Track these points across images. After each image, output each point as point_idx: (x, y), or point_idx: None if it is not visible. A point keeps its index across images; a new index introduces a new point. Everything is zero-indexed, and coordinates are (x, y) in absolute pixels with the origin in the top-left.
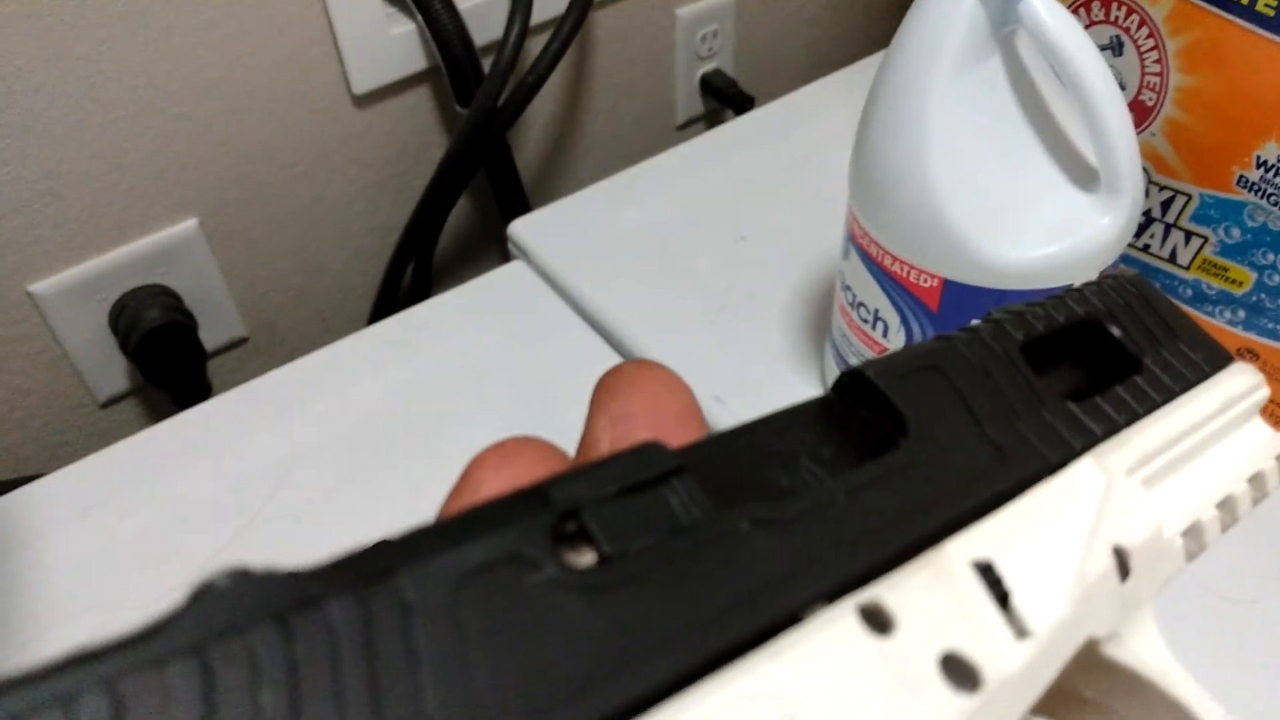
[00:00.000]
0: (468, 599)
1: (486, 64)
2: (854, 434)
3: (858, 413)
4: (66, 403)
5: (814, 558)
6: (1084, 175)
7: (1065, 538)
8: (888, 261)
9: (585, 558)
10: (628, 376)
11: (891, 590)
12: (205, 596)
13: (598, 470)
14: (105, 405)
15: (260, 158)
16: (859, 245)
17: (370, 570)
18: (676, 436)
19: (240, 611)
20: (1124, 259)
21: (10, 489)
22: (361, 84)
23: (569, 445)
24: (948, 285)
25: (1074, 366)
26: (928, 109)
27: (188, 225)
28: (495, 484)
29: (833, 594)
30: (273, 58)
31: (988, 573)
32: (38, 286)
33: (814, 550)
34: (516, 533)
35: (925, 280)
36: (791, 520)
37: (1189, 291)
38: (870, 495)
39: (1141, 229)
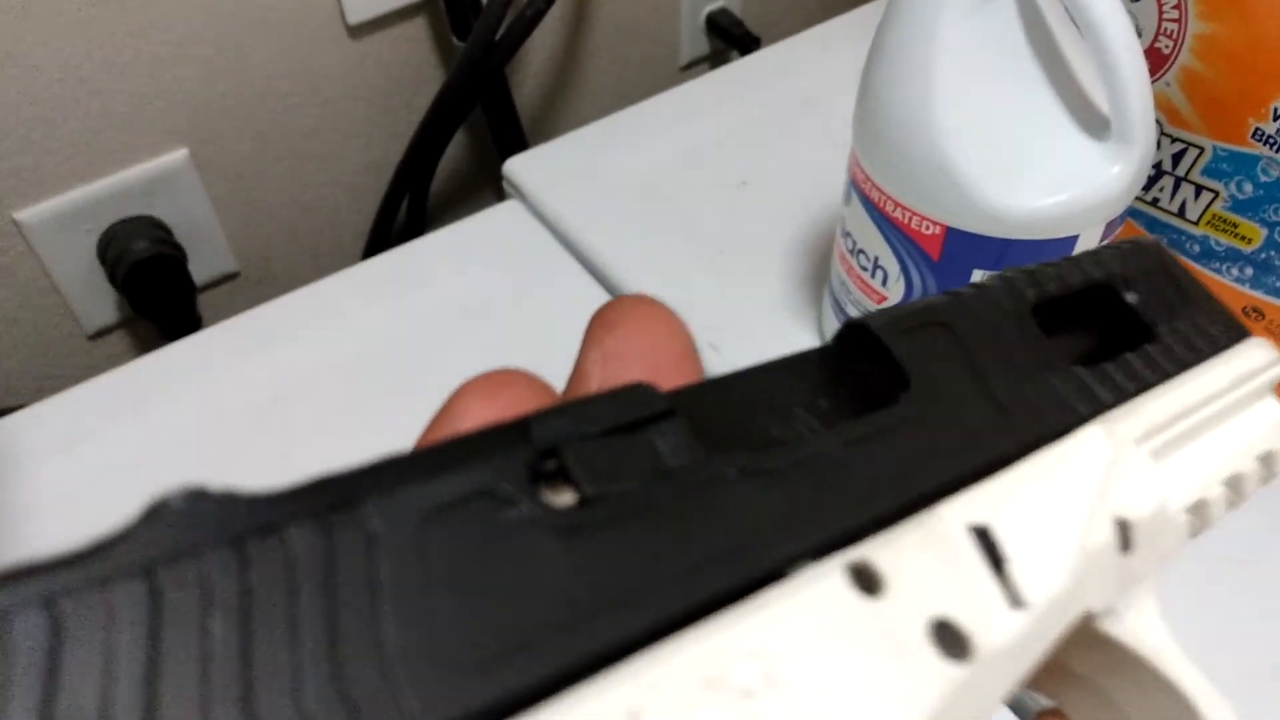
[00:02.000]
0: (436, 534)
1: None
2: (852, 387)
3: (858, 365)
4: (55, 333)
5: (803, 512)
6: (1095, 123)
7: (1067, 506)
8: (890, 207)
9: (564, 498)
10: (625, 311)
11: (882, 549)
12: (158, 515)
13: (582, 408)
14: (94, 336)
15: (253, 88)
16: (861, 190)
17: (335, 498)
18: (671, 379)
19: (194, 533)
20: (1131, 213)
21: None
22: (356, 14)
23: (558, 387)
24: (950, 233)
25: (1085, 331)
26: (936, 51)
27: (178, 155)
28: (478, 415)
29: (821, 551)
30: None
31: (984, 538)
32: (24, 214)
33: (803, 504)
34: (492, 467)
35: (927, 227)
36: (781, 472)
37: (1197, 247)
38: (865, 450)
39: (1151, 182)
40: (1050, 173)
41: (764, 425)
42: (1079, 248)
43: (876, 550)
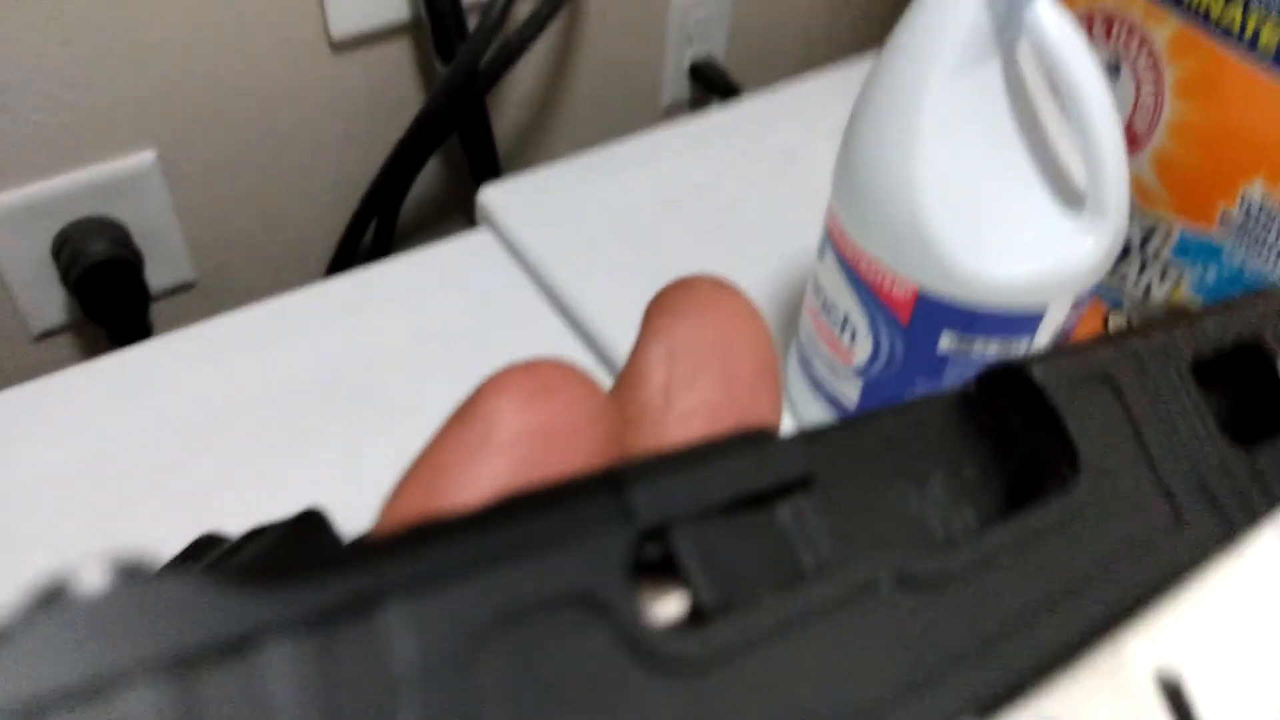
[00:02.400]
0: (490, 663)
1: (473, 23)
2: (1000, 448)
3: (1006, 419)
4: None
5: (971, 642)
6: (1070, 195)
7: (1265, 643)
8: (863, 266)
9: (669, 605)
10: (699, 297)
11: (1070, 707)
12: (61, 607)
13: (696, 467)
14: (40, 338)
15: (227, 94)
16: (836, 245)
17: (341, 594)
18: (749, 396)
19: (110, 644)
20: (1098, 289)
21: None
22: (340, 28)
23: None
24: (921, 297)
25: (1228, 396)
26: (921, 109)
27: (144, 157)
28: (516, 425)
29: (992, 699)
30: None
31: (1175, 695)
32: None
33: (970, 630)
34: (577, 557)
35: (899, 290)
36: (939, 581)
37: None
38: (1035, 556)
39: (1119, 259)
40: (1023, 242)
41: (899, 496)
42: (1047, 321)
43: (1064, 706)
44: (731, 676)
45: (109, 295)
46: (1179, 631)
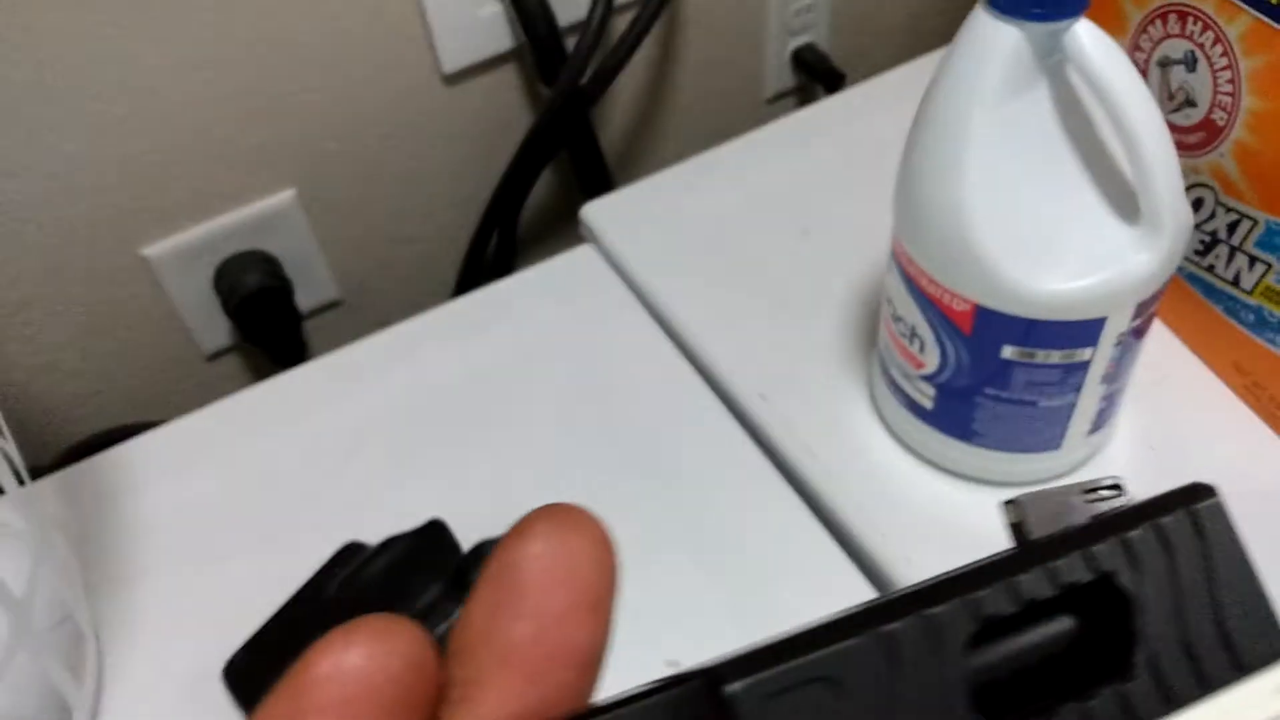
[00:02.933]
0: None
1: (572, 44)
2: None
3: None
4: (177, 355)
5: None
6: (1127, 207)
7: None
8: (924, 281)
9: None
10: (529, 544)
11: None
12: None
13: None
14: (210, 358)
15: (354, 133)
16: (898, 260)
17: None
18: (562, 634)
19: None
20: (1189, 277)
21: (125, 436)
22: (451, 63)
23: (622, 453)
24: (979, 310)
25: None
26: (966, 138)
27: (285, 195)
28: (332, 690)
29: None
30: (368, 39)
31: None
32: (149, 250)
33: None
34: None
35: (958, 304)
36: None
37: (1251, 317)
38: None
39: (1208, 248)
40: (1077, 256)
41: None
42: (1108, 329)
43: None
44: None
45: (265, 319)
46: None
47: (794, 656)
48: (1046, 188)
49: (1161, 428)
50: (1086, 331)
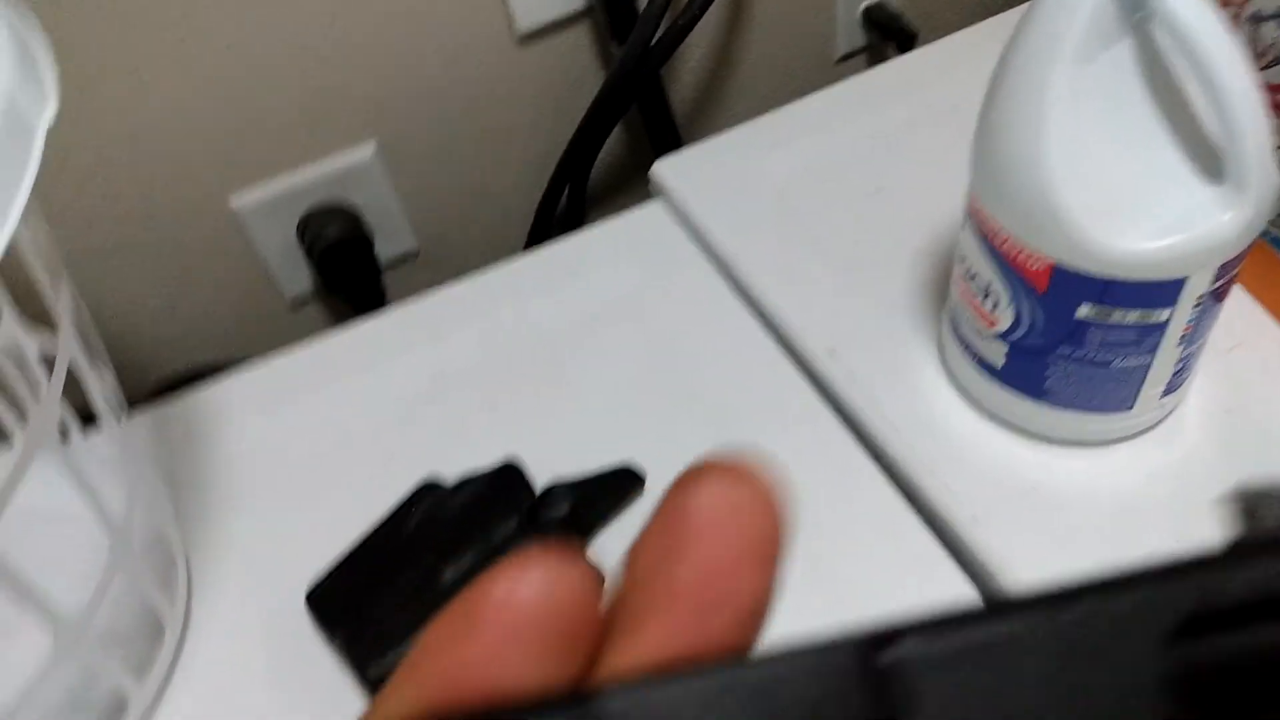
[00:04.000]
0: None
1: (643, 3)
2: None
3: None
4: (261, 301)
5: None
6: (1212, 166)
7: None
8: (999, 239)
9: None
10: (702, 490)
11: None
12: None
13: (672, 689)
14: (293, 306)
15: (432, 90)
16: (974, 217)
17: None
18: (726, 585)
19: None
20: (1275, 241)
21: (211, 373)
22: (524, 23)
23: (682, 404)
24: (1056, 269)
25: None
26: (1047, 95)
27: (367, 149)
28: (506, 615)
29: None
30: (445, 1)
31: None
32: (237, 200)
33: None
34: None
35: (1034, 262)
36: None
37: None
38: None
39: None
40: (1160, 216)
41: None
42: (1188, 290)
43: None
44: None
45: (346, 269)
46: None
47: (965, 627)
48: (1129, 145)
49: (1235, 394)
50: (1165, 292)
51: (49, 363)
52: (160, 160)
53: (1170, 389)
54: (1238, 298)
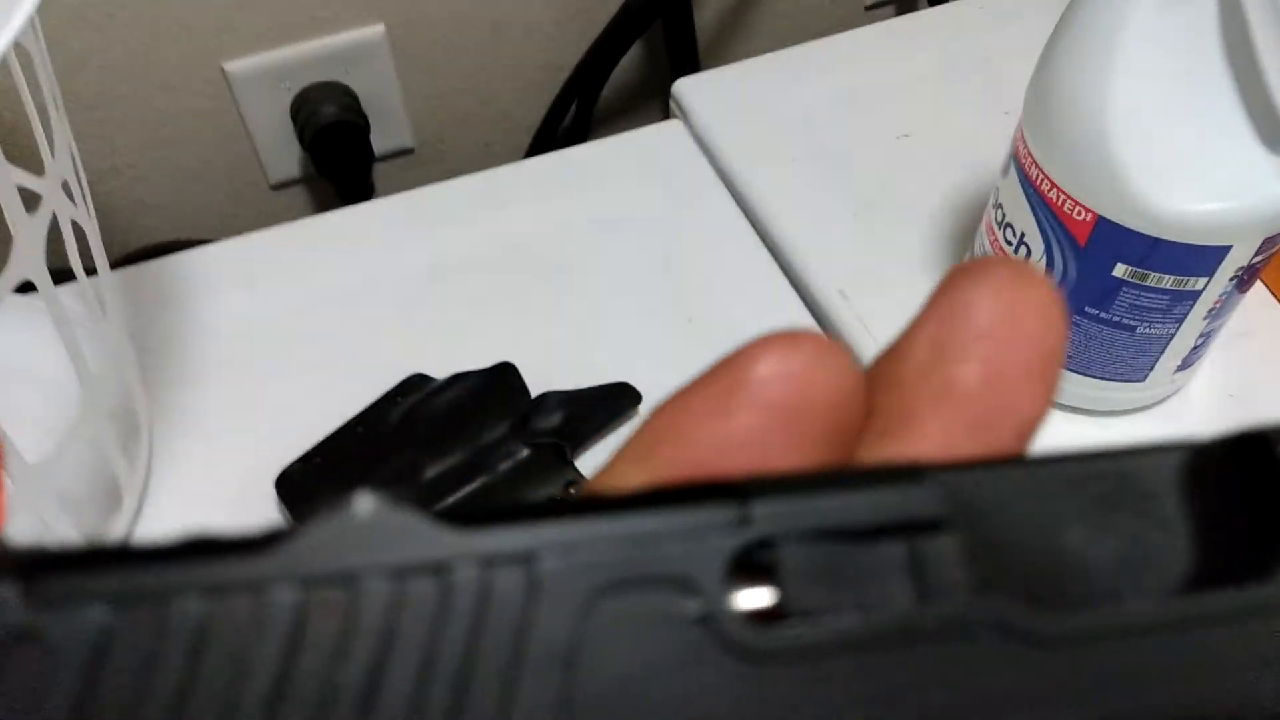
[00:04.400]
0: (604, 609)
1: None
2: (1220, 519)
3: (1237, 494)
4: (243, 179)
5: (1063, 701)
6: (1275, 134)
7: None
8: (1045, 187)
9: (762, 596)
10: (988, 282)
11: None
12: (338, 520)
13: (827, 492)
14: (276, 188)
15: None
16: (1020, 164)
17: (509, 545)
18: (1006, 395)
19: (362, 553)
20: None
21: (185, 248)
22: None
23: (700, 340)
24: (1100, 222)
25: None
26: (1122, 37)
27: (375, 30)
28: (769, 391)
29: None
30: None
31: None
32: (232, 66)
33: (1067, 691)
34: (690, 548)
35: (1079, 213)
36: (1069, 641)
37: None
38: (1190, 640)
39: None
40: (1215, 179)
41: (1072, 544)
42: (1229, 260)
43: None
44: (793, 673)
45: (338, 154)
46: None
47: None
48: (1194, 103)
49: (1243, 378)
50: (1206, 259)
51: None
52: (156, 8)
53: (1186, 364)
54: (1255, 286)
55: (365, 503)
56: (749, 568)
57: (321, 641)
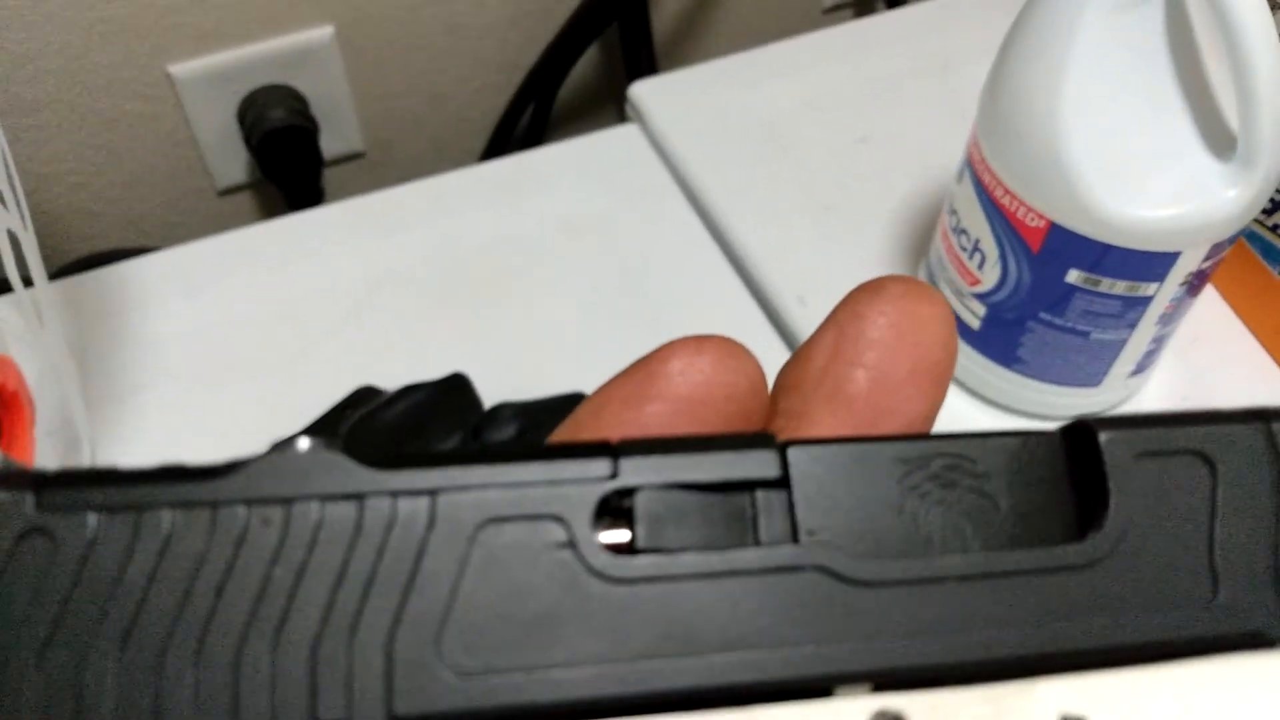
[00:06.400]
0: (487, 539)
1: None
2: (1050, 496)
3: (1074, 470)
4: (189, 185)
5: (879, 633)
6: (1222, 141)
7: None
8: (999, 193)
9: (620, 533)
10: (881, 298)
11: (931, 710)
12: (281, 455)
13: (683, 453)
14: (223, 193)
15: None
16: (974, 170)
17: (416, 483)
18: (893, 397)
19: (296, 480)
20: (1249, 235)
21: (128, 256)
22: None
23: (633, 335)
24: (1053, 229)
25: None
26: (1073, 44)
27: (324, 32)
28: (680, 385)
29: (883, 683)
30: None
31: None
32: (177, 68)
33: (884, 625)
34: (565, 492)
35: (1032, 219)
36: (882, 583)
37: None
38: (1001, 585)
39: (1276, 207)
40: (1164, 185)
41: (907, 507)
42: (1179, 266)
43: (923, 708)
44: (643, 595)
45: (286, 158)
46: (1123, 696)
47: (1172, 425)
48: (1144, 110)
49: (1195, 383)
50: (1156, 265)
51: None
52: (96, 9)
53: (1139, 369)
54: (1205, 291)
55: (303, 443)
56: (617, 513)
57: (261, 548)
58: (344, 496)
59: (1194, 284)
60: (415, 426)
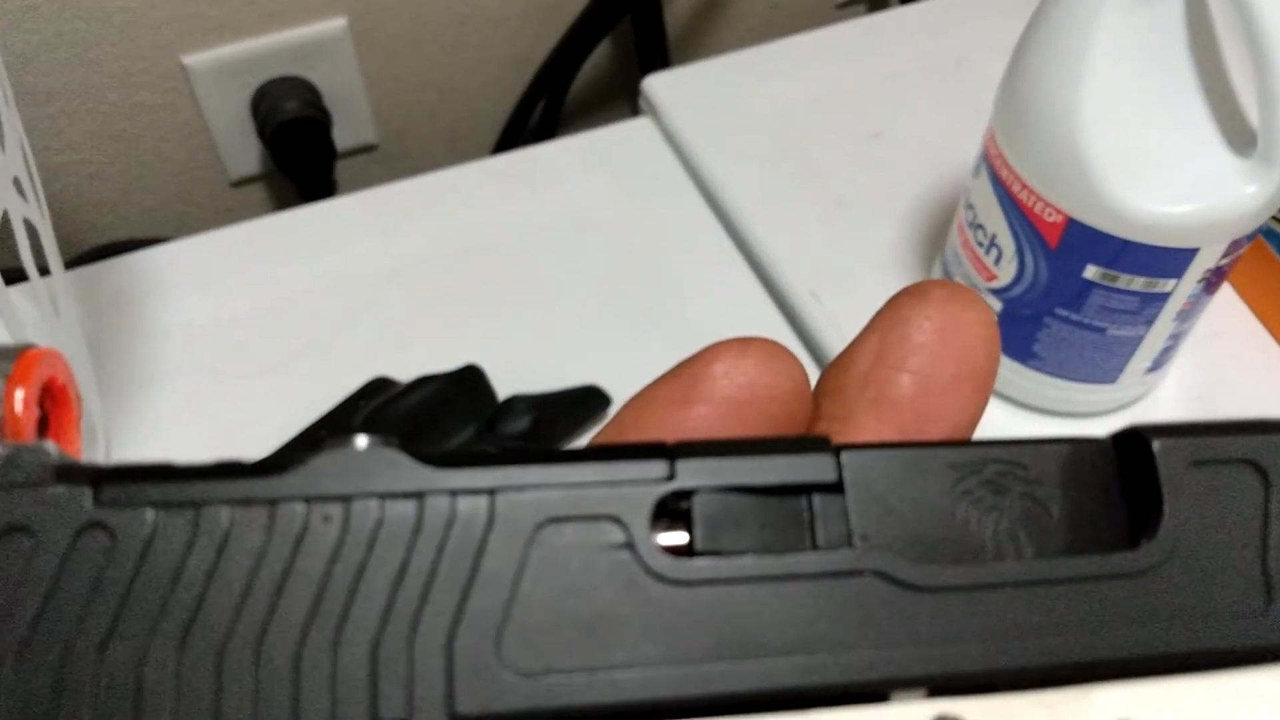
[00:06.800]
0: (547, 539)
1: None
2: (1103, 504)
3: (1125, 478)
4: (202, 175)
5: (938, 639)
6: (1241, 137)
7: None
8: (1016, 188)
9: (676, 534)
10: (925, 302)
11: (987, 716)
12: (341, 451)
13: (741, 456)
14: (236, 184)
15: None
16: (991, 165)
17: (474, 482)
18: (936, 401)
19: (356, 478)
20: (1269, 235)
21: (141, 247)
22: None
23: (670, 337)
24: (1071, 224)
25: None
26: (1093, 38)
27: (337, 24)
28: (724, 387)
29: (939, 688)
30: None
31: None
32: (190, 60)
33: (943, 631)
34: (623, 494)
35: (1050, 214)
36: (939, 589)
37: None
38: (1059, 591)
39: None
40: (1183, 180)
41: (962, 513)
42: (1197, 263)
43: (978, 713)
44: (702, 598)
45: (299, 150)
46: (1179, 703)
47: (1225, 434)
48: (1163, 105)
49: (1211, 381)
50: (1175, 261)
51: None
52: (111, 1)
53: (1156, 365)
54: (1223, 288)
55: (361, 440)
56: (673, 515)
57: (320, 546)
58: (404, 495)
59: (1212, 280)
60: (429, 418)
